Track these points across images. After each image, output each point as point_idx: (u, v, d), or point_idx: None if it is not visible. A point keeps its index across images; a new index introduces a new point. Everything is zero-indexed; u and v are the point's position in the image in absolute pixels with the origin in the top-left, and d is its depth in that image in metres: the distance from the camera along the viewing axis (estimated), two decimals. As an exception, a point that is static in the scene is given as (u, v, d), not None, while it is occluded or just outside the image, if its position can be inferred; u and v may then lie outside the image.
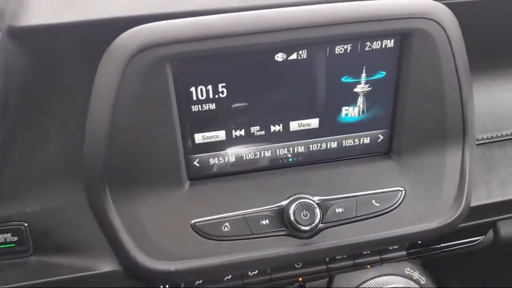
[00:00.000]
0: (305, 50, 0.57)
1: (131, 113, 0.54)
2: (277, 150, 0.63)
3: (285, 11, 0.54)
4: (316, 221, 0.60)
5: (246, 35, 0.53)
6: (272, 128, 0.61)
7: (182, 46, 0.52)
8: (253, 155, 0.63)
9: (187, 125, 0.58)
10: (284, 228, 0.61)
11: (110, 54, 0.52)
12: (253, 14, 0.54)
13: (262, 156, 0.63)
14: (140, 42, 0.52)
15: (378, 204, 0.62)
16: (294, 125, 0.62)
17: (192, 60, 0.55)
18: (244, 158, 0.63)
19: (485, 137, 0.70)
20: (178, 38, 0.52)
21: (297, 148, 0.63)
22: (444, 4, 0.58)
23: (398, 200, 0.63)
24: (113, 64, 0.52)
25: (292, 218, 0.59)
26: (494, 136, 0.70)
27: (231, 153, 0.62)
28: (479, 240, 0.74)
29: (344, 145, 0.64)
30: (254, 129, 0.61)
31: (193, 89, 0.56)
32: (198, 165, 0.62)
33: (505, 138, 0.70)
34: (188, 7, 0.55)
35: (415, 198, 0.63)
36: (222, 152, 0.62)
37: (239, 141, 0.61)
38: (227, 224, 0.60)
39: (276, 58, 0.56)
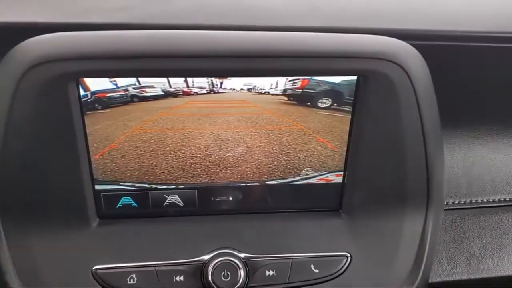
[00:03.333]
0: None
1: (27, 138, 0.46)
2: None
3: (225, 35, 0.46)
4: (239, 284, 0.50)
5: (179, 58, 0.45)
6: (202, 168, 0.52)
7: (88, 63, 0.44)
8: (177, 197, 0.54)
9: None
10: (201, 288, 0.51)
11: (3, 67, 0.44)
12: (187, 34, 0.46)
13: (189, 197, 0.54)
14: (35, 55, 0.43)
15: (317, 270, 0.53)
16: (227, 167, 0.53)
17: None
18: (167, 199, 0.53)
19: (456, 202, 0.60)
20: (83, 53, 0.44)
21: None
22: (416, 45, 0.49)
23: (342, 267, 0.53)
24: (4, 80, 0.44)
25: (210, 278, 0.50)
26: (467, 202, 0.60)
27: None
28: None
29: (287, 195, 0.55)
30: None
31: (105, 114, 0.48)
32: (111, 201, 0.53)
33: (479, 205, 0.60)
34: (112, 18, 0.47)
35: (362, 267, 0.53)
36: (141, 189, 0.53)
37: (161, 178, 0.52)
38: (133, 275, 0.51)
39: (206, 88, 0.48)
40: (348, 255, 0.53)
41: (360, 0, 0.55)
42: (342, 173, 0.54)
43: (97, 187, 0.51)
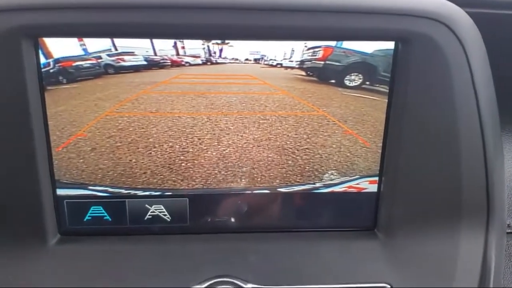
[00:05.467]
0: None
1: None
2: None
3: None
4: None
5: (168, 9, 0.35)
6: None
7: (51, 15, 0.34)
8: (162, 208, 0.41)
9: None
10: (191, 330, 0.38)
11: None
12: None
13: (178, 209, 0.42)
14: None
15: (347, 308, 0.40)
16: (228, 170, 0.41)
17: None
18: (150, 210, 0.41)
19: (519, 224, 0.47)
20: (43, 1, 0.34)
21: (233, 206, 0.42)
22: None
23: (380, 304, 0.40)
24: None
25: (203, 317, 0.37)
26: (534, 224, 0.47)
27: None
28: None
29: (305, 209, 0.43)
30: (167, 168, 0.40)
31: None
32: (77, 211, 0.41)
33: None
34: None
35: (406, 304, 0.40)
36: (117, 197, 0.41)
37: (142, 183, 0.41)
38: (101, 311, 0.38)
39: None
40: (388, 287, 0.40)
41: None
42: (377, 178, 0.42)
43: (59, 191, 0.40)
